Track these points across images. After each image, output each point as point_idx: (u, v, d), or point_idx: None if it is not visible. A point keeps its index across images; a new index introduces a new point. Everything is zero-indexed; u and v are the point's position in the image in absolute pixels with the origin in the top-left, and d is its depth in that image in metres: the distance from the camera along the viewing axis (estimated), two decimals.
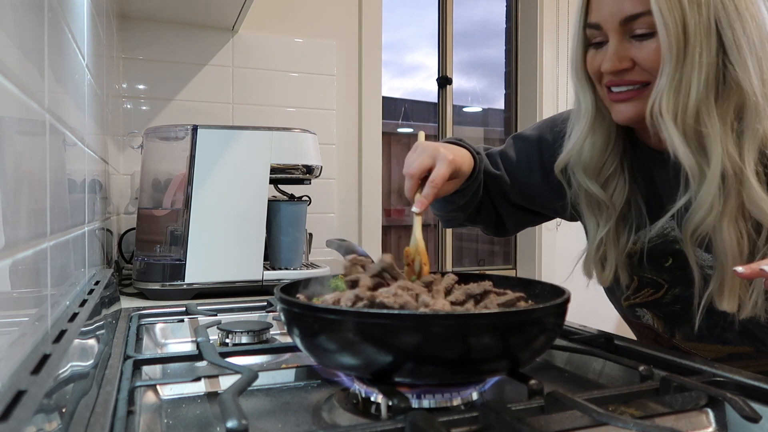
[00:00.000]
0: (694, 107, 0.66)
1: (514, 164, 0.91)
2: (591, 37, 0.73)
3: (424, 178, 0.72)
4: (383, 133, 1.91)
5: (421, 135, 0.80)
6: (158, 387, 0.59)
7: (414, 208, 0.71)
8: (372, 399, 0.52)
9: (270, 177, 1.21)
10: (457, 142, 0.85)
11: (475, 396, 0.53)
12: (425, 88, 2.38)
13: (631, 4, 0.67)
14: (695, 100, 0.65)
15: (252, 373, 0.52)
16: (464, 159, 0.79)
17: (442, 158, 0.73)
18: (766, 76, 0.66)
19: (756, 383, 0.55)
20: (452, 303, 0.56)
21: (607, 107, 0.75)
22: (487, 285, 0.59)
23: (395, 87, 2.45)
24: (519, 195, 0.92)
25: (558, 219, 0.97)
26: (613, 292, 0.87)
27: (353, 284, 0.60)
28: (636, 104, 0.70)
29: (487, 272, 0.65)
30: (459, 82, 2.34)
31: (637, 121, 0.72)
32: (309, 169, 1.28)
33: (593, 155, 0.77)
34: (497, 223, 0.96)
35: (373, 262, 0.71)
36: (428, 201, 0.71)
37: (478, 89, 2.54)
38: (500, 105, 2.50)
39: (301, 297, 0.61)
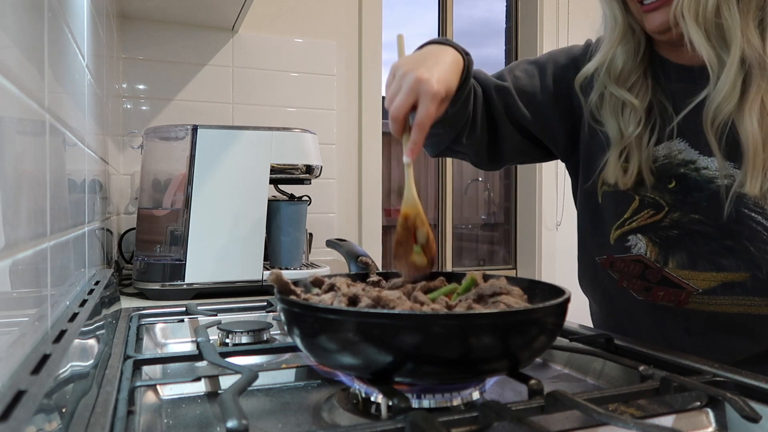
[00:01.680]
0: (714, 3, 0.70)
1: (523, 78, 0.91)
2: None
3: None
4: (383, 133, 1.91)
5: (401, 40, 0.74)
6: (158, 387, 0.59)
7: (405, 158, 0.67)
8: (372, 399, 0.52)
9: (270, 177, 1.21)
10: (444, 42, 0.79)
11: (475, 396, 0.53)
12: None
13: None
14: None
15: (252, 373, 0.52)
16: (451, 72, 0.74)
17: (425, 93, 0.67)
18: None
19: (756, 383, 0.55)
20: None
21: (636, 20, 0.80)
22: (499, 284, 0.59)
23: None
24: (525, 107, 0.89)
25: (558, 219, 0.97)
26: (602, 225, 0.87)
27: (330, 288, 0.60)
28: (664, 12, 0.74)
29: (488, 272, 0.65)
30: None
31: (667, 28, 0.75)
32: (309, 169, 1.28)
33: (625, 61, 0.81)
34: (490, 147, 0.92)
35: (373, 262, 0.71)
36: (418, 147, 0.67)
37: None
38: None
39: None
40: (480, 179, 2.70)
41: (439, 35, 2.25)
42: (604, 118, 0.84)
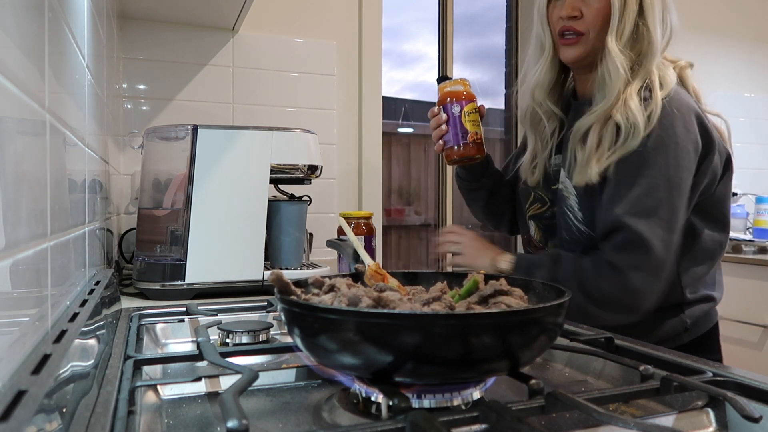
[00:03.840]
0: (624, 44, 0.96)
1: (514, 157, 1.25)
2: None
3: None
4: (383, 133, 1.91)
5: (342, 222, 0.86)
6: (159, 387, 0.59)
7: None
8: (372, 399, 0.52)
9: (270, 177, 1.21)
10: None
11: (475, 396, 0.53)
12: (426, 81, 2.37)
13: None
14: (625, 39, 0.96)
15: (252, 373, 0.52)
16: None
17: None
18: (665, 35, 0.99)
19: (756, 383, 0.55)
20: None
21: (557, 48, 1.03)
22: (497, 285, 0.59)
23: (395, 79, 2.44)
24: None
25: None
26: (521, 206, 1.16)
27: (330, 289, 0.60)
28: (578, 47, 1.00)
29: (488, 273, 0.65)
30: (462, 75, 2.33)
31: (577, 61, 1.02)
32: (309, 169, 1.28)
33: (550, 80, 1.06)
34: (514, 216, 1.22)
35: (373, 261, 0.71)
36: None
37: (483, 81, 2.53)
38: (503, 99, 2.49)
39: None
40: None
41: (439, 21, 2.23)
42: (526, 128, 1.12)
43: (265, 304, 0.96)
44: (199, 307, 0.91)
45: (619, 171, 0.93)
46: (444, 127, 1.06)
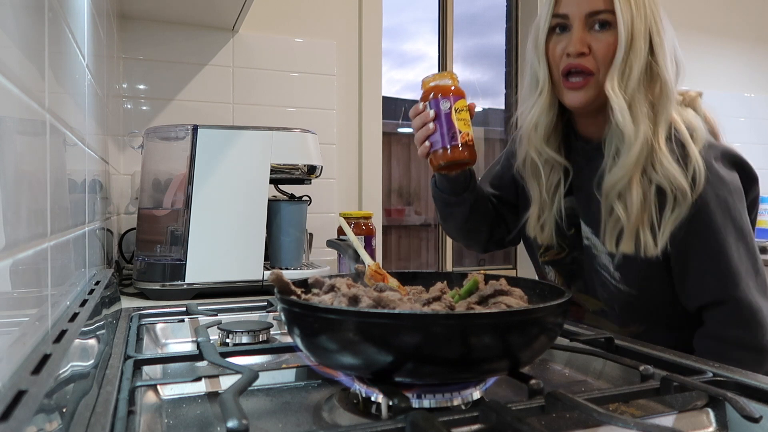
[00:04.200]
0: (634, 88, 0.85)
1: (498, 173, 1.12)
2: (555, 24, 0.90)
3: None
4: (383, 133, 1.91)
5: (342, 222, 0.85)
6: (159, 387, 0.59)
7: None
8: (372, 399, 0.52)
9: (270, 177, 1.21)
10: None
11: (475, 396, 0.53)
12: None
13: (595, 1, 0.87)
14: (635, 82, 0.85)
15: (252, 373, 0.52)
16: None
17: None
18: (673, 74, 0.88)
19: (756, 383, 0.55)
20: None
21: (556, 88, 0.92)
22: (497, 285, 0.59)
23: (395, 79, 2.43)
24: (511, 196, 1.08)
25: None
26: (533, 252, 1.06)
27: (330, 289, 0.60)
28: (586, 91, 0.88)
29: (488, 272, 0.65)
30: (462, 75, 2.32)
31: (584, 106, 0.90)
32: (309, 169, 1.28)
33: (548, 124, 0.94)
34: (499, 227, 1.10)
35: (373, 261, 0.71)
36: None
37: (483, 81, 2.52)
38: (503, 99, 2.49)
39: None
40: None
41: (439, 21, 2.23)
42: (526, 178, 0.99)
43: (265, 304, 0.96)
44: (199, 307, 0.91)
45: (691, 243, 0.85)
46: (431, 126, 0.90)
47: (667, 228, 0.84)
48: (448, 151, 0.90)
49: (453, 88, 0.92)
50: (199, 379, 0.59)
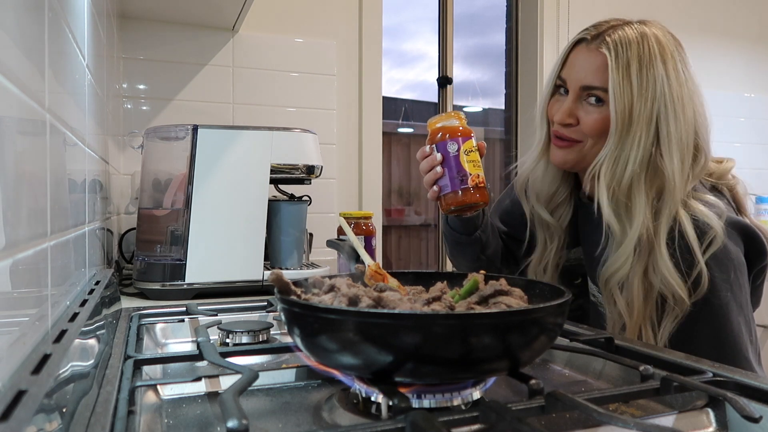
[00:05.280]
0: (628, 181, 0.80)
1: (508, 208, 1.10)
2: (558, 86, 0.90)
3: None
4: (383, 133, 1.91)
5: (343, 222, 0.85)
6: (159, 387, 0.59)
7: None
8: (372, 399, 0.52)
9: (270, 177, 1.21)
10: None
11: (475, 396, 0.53)
12: (427, 80, 2.36)
13: (593, 77, 0.83)
14: (630, 174, 0.80)
15: (252, 373, 0.52)
16: None
17: None
18: (684, 169, 0.81)
19: (756, 383, 0.55)
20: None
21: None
22: (497, 285, 0.59)
23: (395, 79, 2.43)
24: (521, 231, 1.05)
25: None
26: None
27: (330, 289, 0.60)
28: (568, 153, 0.88)
29: (488, 272, 0.65)
30: (463, 74, 2.32)
31: (564, 167, 0.91)
32: (309, 169, 1.28)
33: (550, 181, 0.94)
34: (516, 259, 1.09)
35: (373, 261, 0.71)
36: None
37: (483, 81, 2.52)
38: (503, 99, 2.49)
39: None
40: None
41: (439, 20, 2.23)
42: (536, 225, 0.99)
43: (265, 304, 0.96)
44: (199, 307, 0.91)
45: (695, 318, 0.81)
46: (439, 169, 0.87)
47: (666, 329, 0.81)
48: (459, 194, 0.87)
49: (461, 129, 0.88)
50: (199, 379, 0.59)
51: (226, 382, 0.59)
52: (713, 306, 0.80)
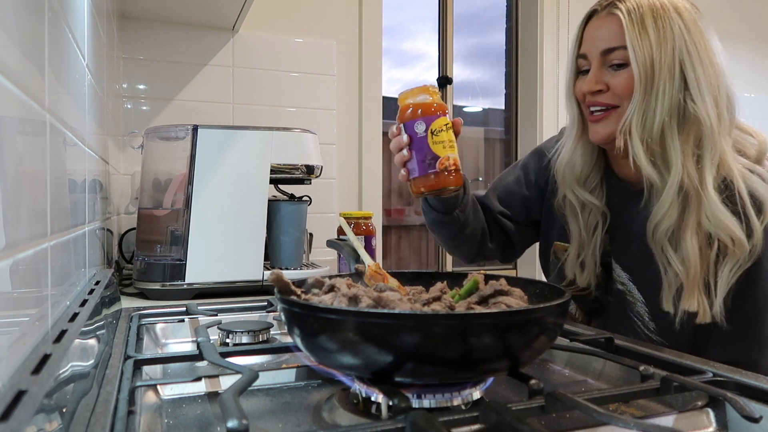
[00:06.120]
0: (659, 131, 0.80)
1: (511, 187, 1.06)
2: (580, 66, 0.88)
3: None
4: (383, 133, 1.91)
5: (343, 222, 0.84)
6: (159, 387, 0.59)
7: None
8: (372, 399, 0.52)
9: (270, 177, 1.21)
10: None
11: (475, 396, 0.53)
12: (427, 80, 2.35)
13: (611, 38, 0.83)
14: (659, 124, 0.79)
15: (252, 373, 0.52)
16: None
17: None
18: (721, 113, 0.80)
19: (756, 383, 0.55)
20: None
21: (587, 128, 0.89)
22: (497, 285, 0.59)
23: (395, 78, 2.42)
24: (519, 213, 1.05)
25: None
26: (550, 280, 1.02)
27: (330, 289, 0.60)
28: (607, 125, 0.85)
29: (488, 272, 0.65)
30: (463, 74, 2.31)
31: (608, 141, 0.86)
32: (309, 169, 1.28)
33: (583, 165, 0.91)
34: (506, 244, 1.08)
35: (373, 261, 0.71)
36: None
37: (483, 81, 2.51)
38: (503, 98, 2.49)
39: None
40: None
41: (439, 19, 2.23)
42: (566, 216, 0.95)
43: (265, 304, 0.96)
44: (199, 307, 0.91)
45: (737, 304, 0.79)
46: (406, 152, 0.80)
47: (724, 280, 0.77)
48: (429, 178, 0.79)
49: (432, 105, 0.80)
50: (199, 379, 0.59)
51: (226, 382, 0.59)
52: (757, 285, 0.79)
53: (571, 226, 0.94)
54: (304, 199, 1.34)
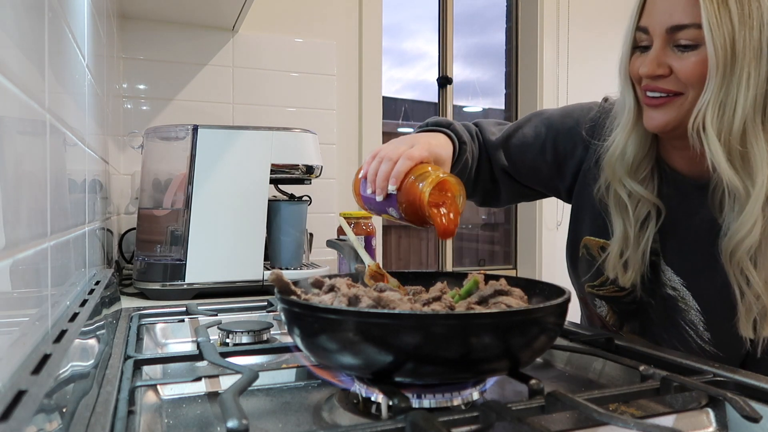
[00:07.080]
0: (740, 127, 0.66)
1: (528, 141, 0.92)
2: (639, 40, 0.73)
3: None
4: (383, 133, 1.91)
5: (343, 222, 0.81)
6: (159, 387, 0.59)
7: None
8: (372, 399, 0.52)
9: (270, 177, 1.21)
10: (437, 129, 0.85)
11: (475, 396, 0.53)
12: (427, 80, 2.35)
13: (681, 14, 0.67)
14: (741, 119, 0.66)
15: (252, 373, 0.52)
16: (443, 146, 0.80)
17: (419, 142, 0.74)
18: None
19: (756, 383, 0.55)
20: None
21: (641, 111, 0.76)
22: (497, 285, 0.59)
23: (395, 78, 2.42)
24: (524, 170, 0.93)
25: (559, 219, 0.97)
26: (578, 274, 0.90)
27: (330, 289, 0.60)
28: (666, 112, 0.71)
29: (488, 272, 0.65)
30: (463, 74, 2.31)
31: (665, 130, 0.73)
32: (309, 169, 1.28)
33: (636, 152, 0.77)
34: (492, 193, 0.97)
35: (373, 261, 0.71)
36: (402, 176, 0.68)
37: (483, 80, 2.51)
38: (503, 98, 2.49)
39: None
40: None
41: (439, 19, 2.23)
42: (610, 210, 0.81)
43: (265, 304, 0.96)
44: (199, 307, 0.91)
45: None
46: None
47: None
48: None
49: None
50: (199, 379, 0.59)
51: (226, 382, 0.59)
52: None
53: (614, 220, 0.80)
54: (304, 199, 1.34)
